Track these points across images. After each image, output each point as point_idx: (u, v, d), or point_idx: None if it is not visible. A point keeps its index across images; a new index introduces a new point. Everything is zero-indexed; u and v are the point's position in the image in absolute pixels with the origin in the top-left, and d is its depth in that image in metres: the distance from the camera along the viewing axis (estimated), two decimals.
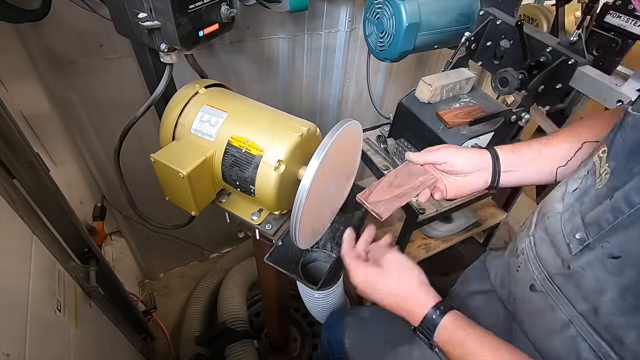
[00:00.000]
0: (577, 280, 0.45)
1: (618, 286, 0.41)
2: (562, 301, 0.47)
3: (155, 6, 0.53)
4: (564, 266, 0.47)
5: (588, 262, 0.44)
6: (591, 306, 0.44)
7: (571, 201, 0.50)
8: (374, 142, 1.16)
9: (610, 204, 0.42)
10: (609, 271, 0.42)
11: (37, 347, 0.60)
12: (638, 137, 0.41)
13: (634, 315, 0.40)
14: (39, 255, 0.70)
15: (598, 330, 0.43)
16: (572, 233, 0.47)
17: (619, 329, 0.41)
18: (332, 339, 0.89)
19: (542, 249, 0.52)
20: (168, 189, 0.65)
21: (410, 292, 0.54)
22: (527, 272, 0.54)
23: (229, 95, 0.68)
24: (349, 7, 1.20)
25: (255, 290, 1.57)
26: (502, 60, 0.88)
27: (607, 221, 0.42)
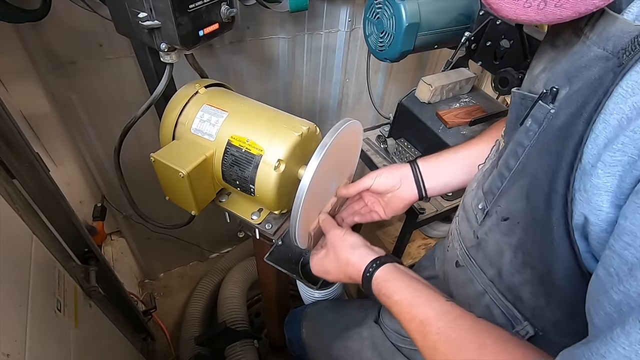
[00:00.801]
0: (483, 248, 0.50)
1: (510, 246, 0.45)
2: (476, 272, 0.51)
3: (156, 6, 0.53)
4: (475, 237, 0.51)
5: (489, 229, 0.48)
6: (496, 270, 0.48)
7: (479, 177, 0.55)
8: (374, 142, 1.16)
9: (497, 171, 0.48)
10: (503, 233, 0.46)
11: (37, 347, 0.60)
12: (515, 110, 0.47)
13: (524, 271, 0.43)
14: (39, 255, 0.70)
15: (504, 293, 0.47)
16: (477, 204, 0.52)
17: (517, 287, 0.45)
18: (291, 337, 0.90)
19: (461, 226, 0.57)
20: (168, 188, 0.65)
21: (348, 258, 0.56)
22: (453, 250, 0.58)
23: (229, 95, 0.68)
24: (349, 7, 1.20)
25: (255, 290, 1.57)
26: (502, 60, 0.88)
27: (497, 187, 0.47)
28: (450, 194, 1.02)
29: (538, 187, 0.39)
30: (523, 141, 0.43)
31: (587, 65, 0.36)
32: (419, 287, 0.48)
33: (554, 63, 0.43)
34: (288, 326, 0.94)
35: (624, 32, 0.33)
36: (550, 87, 0.39)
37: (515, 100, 0.47)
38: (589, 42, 0.37)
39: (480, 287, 0.51)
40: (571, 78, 0.38)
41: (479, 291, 0.51)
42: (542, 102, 0.40)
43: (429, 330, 0.43)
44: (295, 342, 0.89)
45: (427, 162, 0.67)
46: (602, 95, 0.32)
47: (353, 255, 0.56)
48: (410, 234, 1.08)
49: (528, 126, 0.42)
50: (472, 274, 0.53)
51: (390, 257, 0.54)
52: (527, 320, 0.45)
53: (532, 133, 0.41)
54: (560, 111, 0.38)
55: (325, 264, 0.60)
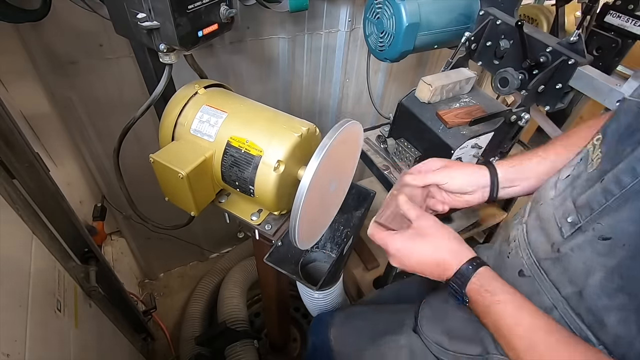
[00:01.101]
0: (564, 264, 0.47)
1: (606, 267, 0.42)
2: (547, 285, 0.49)
3: (154, 6, 0.53)
4: (553, 250, 0.49)
5: (578, 245, 0.45)
6: (576, 289, 0.45)
7: (563, 187, 0.51)
8: (374, 142, 1.16)
9: (601, 186, 0.43)
10: (598, 253, 0.43)
11: (37, 347, 0.60)
12: (630, 119, 0.43)
13: (617, 296, 0.41)
14: (39, 255, 0.70)
15: (580, 314, 0.45)
16: (564, 217, 0.48)
17: (602, 311, 0.42)
18: (317, 342, 0.87)
19: (533, 235, 0.54)
20: (167, 189, 0.65)
21: (449, 248, 0.54)
22: (517, 258, 0.55)
23: (228, 95, 0.68)
24: (349, 7, 1.20)
25: (255, 290, 1.57)
26: (502, 60, 0.88)
27: (599, 203, 0.43)
28: None
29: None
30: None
31: None
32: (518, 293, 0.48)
33: None
34: (314, 331, 0.90)
35: None
36: None
37: (630, 109, 0.43)
38: None
39: (549, 302, 0.48)
40: None
41: (547, 306, 0.48)
42: None
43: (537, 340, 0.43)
44: (322, 348, 0.85)
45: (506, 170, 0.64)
46: None
47: (457, 245, 0.54)
48: None
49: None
50: (541, 287, 0.50)
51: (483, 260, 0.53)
52: (602, 345, 0.43)
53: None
54: None
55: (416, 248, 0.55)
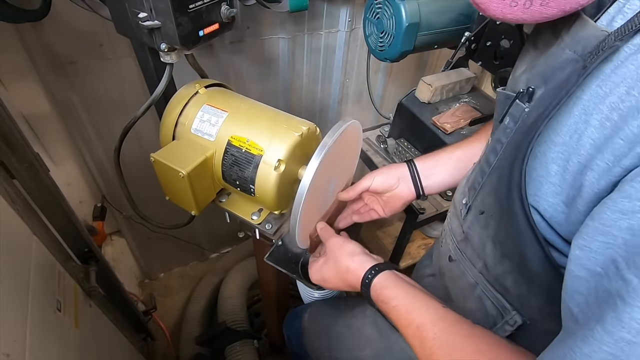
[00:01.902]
0: (470, 242, 0.51)
1: (489, 238, 0.46)
2: (467, 265, 0.53)
3: (156, 6, 0.53)
4: (462, 232, 0.53)
5: (471, 222, 0.50)
6: (482, 262, 0.49)
7: (468, 174, 0.57)
8: (374, 142, 1.16)
9: (478, 167, 0.49)
10: (482, 226, 0.48)
11: (37, 347, 0.60)
12: (499, 109, 0.48)
13: (504, 261, 0.45)
14: (39, 255, 0.70)
15: (492, 284, 0.49)
16: (461, 199, 0.54)
17: (501, 277, 0.46)
18: (290, 333, 0.91)
19: (452, 221, 0.58)
20: (168, 188, 0.65)
21: (348, 265, 0.56)
22: (446, 245, 0.60)
23: (229, 95, 0.68)
24: (349, 7, 1.20)
25: (255, 290, 1.57)
26: (502, 60, 0.88)
27: (478, 183, 0.49)
28: (449, 194, 1.02)
29: (502, 180, 0.42)
30: (501, 138, 0.45)
31: (561, 67, 0.37)
32: (415, 294, 0.49)
33: (534, 64, 0.44)
34: (288, 323, 0.95)
35: (593, 37, 0.34)
36: (528, 87, 0.41)
37: (499, 99, 0.48)
38: (563, 45, 0.38)
39: (472, 279, 0.52)
40: (546, 79, 0.39)
41: (471, 283, 0.52)
42: (519, 101, 0.42)
43: (425, 335, 0.44)
44: (294, 338, 0.90)
45: (423, 161, 0.68)
46: (564, 95, 0.34)
47: (352, 263, 0.56)
48: (410, 233, 1.08)
49: (506, 124, 0.44)
50: (464, 267, 0.54)
51: (389, 264, 0.55)
52: (515, 309, 0.46)
53: (509, 130, 0.43)
54: (533, 110, 0.40)
55: (323, 272, 0.60)
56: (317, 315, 0.86)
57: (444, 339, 0.42)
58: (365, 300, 0.78)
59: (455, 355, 0.41)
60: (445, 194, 1.02)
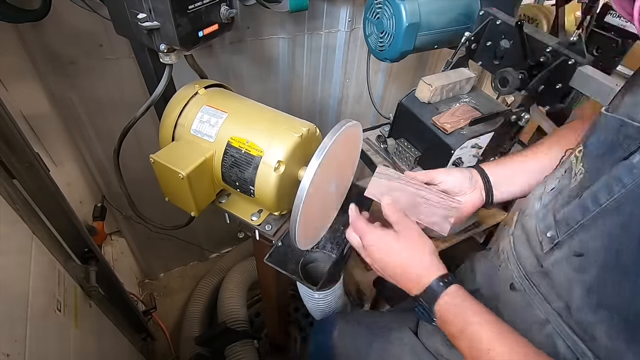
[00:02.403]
0: (550, 278, 0.46)
1: (583, 283, 0.42)
2: (538, 299, 0.48)
3: (155, 7, 0.53)
4: (538, 264, 0.48)
5: (556, 260, 0.45)
6: (564, 303, 0.44)
7: (548, 200, 0.51)
8: (374, 142, 1.16)
9: (578, 203, 0.43)
10: (575, 269, 0.42)
11: (37, 347, 0.60)
12: (609, 137, 0.42)
13: (599, 311, 0.40)
14: (39, 255, 0.70)
15: (572, 327, 0.44)
16: (545, 231, 0.47)
17: (590, 325, 0.42)
18: (319, 341, 0.87)
19: (520, 247, 0.53)
20: (168, 189, 0.65)
21: (421, 260, 0.52)
22: (507, 271, 0.55)
23: (228, 95, 0.68)
24: (349, 7, 1.20)
25: (255, 290, 1.57)
26: (502, 60, 0.88)
27: (575, 220, 0.43)
28: None
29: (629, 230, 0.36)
30: (623, 178, 0.38)
31: None
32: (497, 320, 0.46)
33: None
34: (317, 332, 0.90)
35: None
36: None
37: (610, 125, 0.42)
38: None
39: (542, 315, 0.47)
40: None
41: (541, 319, 0.48)
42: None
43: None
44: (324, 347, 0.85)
45: (493, 169, 0.65)
46: None
47: (432, 259, 0.52)
48: None
49: (634, 163, 0.37)
50: (533, 300, 0.49)
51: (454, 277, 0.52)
52: (597, 358, 0.42)
53: (638, 172, 0.36)
54: None
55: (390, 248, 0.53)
56: (349, 334, 0.81)
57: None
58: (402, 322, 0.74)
59: None
60: None
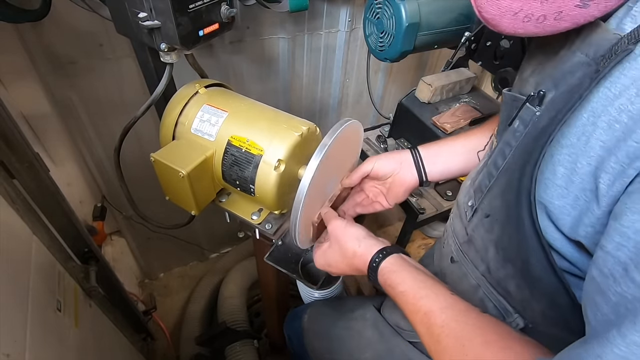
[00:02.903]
0: (474, 244, 0.51)
1: (492, 242, 0.46)
2: (470, 267, 0.52)
3: (156, 6, 0.53)
4: (465, 234, 0.53)
5: (476, 225, 0.50)
6: (485, 265, 0.49)
7: (472, 175, 0.56)
8: (374, 142, 1.16)
9: (486, 170, 0.49)
10: (486, 229, 0.47)
11: (37, 347, 0.60)
12: (506, 111, 0.48)
13: (506, 266, 0.45)
14: (39, 255, 0.70)
15: (494, 287, 0.49)
16: (466, 201, 0.53)
17: (504, 281, 0.46)
18: (291, 333, 0.91)
19: (455, 223, 0.58)
20: (168, 188, 0.65)
21: (355, 250, 0.55)
22: (448, 247, 0.59)
23: (229, 95, 0.68)
24: (349, 7, 1.20)
25: (255, 290, 1.57)
26: (502, 60, 0.88)
27: (485, 185, 0.48)
28: (450, 194, 1.02)
29: (512, 184, 0.41)
30: (510, 141, 0.44)
31: (571, 71, 0.37)
32: (424, 279, 0.48)
33: (542, 66, 0.43)
34: (288, 323, 0.94)
35: (605, 40, 0.34)
36: (538, 90, 0.40)
37: (506, 101, 0.48)
38: (574, 48, 0.38)
39: (474, 281, 0.52)
40: (557, 82, 0.39)
41: (473, 285, 0.52)
42: (529, 104, 0.41)
43: (433, 322, 0.43)
44: (294, 338, 0.89)
45: (427, 148, 0.67)
46: (577, 99, 0.34)
47: (359, 247, 0.55)
48: (411, 233, 1.08)
49: (515, 127, 0.43)
50: (466, 269, 0.54)
51: (397, 248, 0.54)
52: (517, 312, 0.46)
53: (519, 134, 0.42)
54: (544, 114, 0.39)
55: (328, 257, 0.59)
56: (317, 316, 0.85)
57: (452, 327, 0.42)
58: (366, 302, 0.78)
59: (463, 345, 0.40)
60: (445, 193, 1.02)
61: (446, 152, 0.67)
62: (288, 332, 0.94)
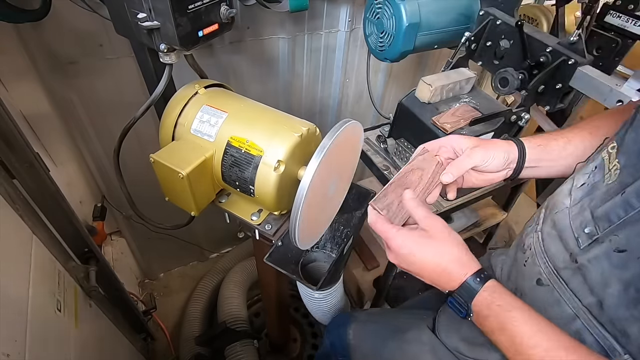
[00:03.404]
0: (583, 274, 0.46)
1: (622, 279, 0.42)
2: (568, 295, 0.48)
3: (155, 6, 0.53)
4: (571, 260, 0.48)
5: (595, 256, 0.45)
6: (597, 299, 0.44)
7: (579, 196, 0.50)
8: (374, 142, 1.16)
9: (621, 199, 0.43)
10: (614, 265, 0.43)
11: (37, 347, 0.60)
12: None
13: (636, 308, 0.40)
14: (39, 255, 0.70)
15: (603, 324, 0.44)
16: (582, 227, 0.47)
17: (623, 321, 0.42)
18: (336, 341, 0.87)
19: (549, 244, 0.52)
20: (168, 189, 0.65)
21: (456, 257, 0.51)
22: (534, 267, 0.54)
23: (228, 95, 0.68)
24: (349, 7, 1.20)
25: (255, 290, 1.57)
26: (502, 60, 0.88)
27: (618, 216, 0.43)
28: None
29: None
30: None
31: None
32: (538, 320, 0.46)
33: None
34: (331, 330, 0.90)
35: None
36: None
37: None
38: None
39: (571, 311, 0.47)
40: None
41: (569, 315, 0.48)
42: None
43: None
44: (339, 346, 0.85)
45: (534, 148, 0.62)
46: None
47: (466, 255, 0.51)
48: None
49: None
50: (562, 296, 0.49)
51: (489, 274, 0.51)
52: (628, 354, 0.42)
53: None
54: None
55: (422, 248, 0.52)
56: (364, 333, 0.80)
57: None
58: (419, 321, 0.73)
59: None
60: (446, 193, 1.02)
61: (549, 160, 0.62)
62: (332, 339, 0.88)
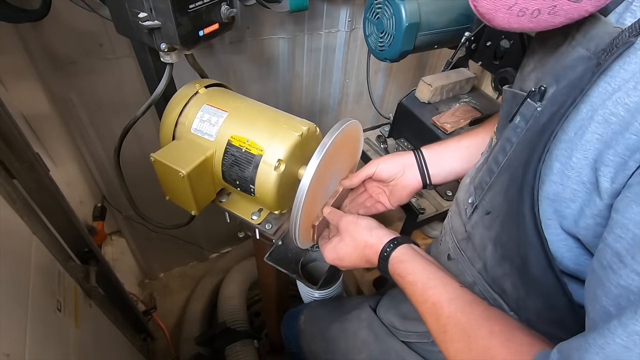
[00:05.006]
0: (472, 242, 0.51)
1: (491, 239, 0.46)
2: (467, 264, 0.53)
3: (156, 6, 0.53)
4: (464, 231, 0.53)
5: (475, 222, 0.50)
6: (482, 263, 0.49)
7: (473, 173, 0.56)
8: (374, 142, 1.16)
9: (486, 167, 0.49)
10: (485, 226, 0.48)
11: (37, 347, 0.60)
12: (506, 108, 0.48)
13: (504, 264, 0.45)
14: (39, 255, 0.70)
15: (490, 284, 0.49)
16: (467, 198, 0.53)
17: (500, 279, 0.46)
18: (288, 333, 0.91)
19: (453, 220, 0.58)
20: (168, 188, 0.65)
21: (366, 240, 0.56)
22: (445, 244, 0.60)
23: (229, 95, 0.68)
24: (349, 7, 1.20)
25: (255, 290, 1.57)
26: (502, 60, 0.88)
27: (486, 182, 0.48)
28: (449, 193, 1.02)
29: (515, 180, 0.41)
30: (511, 138, 0.44)
31: (572, 65, 0.37)
32: (433, 270, 0.49)
33: (543, 62, 0.43)
34: (285, 324, 0.94)
35: (606, 34, 0.34)
36: (539, 85, 0.40)
37: (506, 97, 0.48)
38: (574, 43, 0.38)
39: (470, 278, 0.52)
40: (558, 77, 0.39)
41: (469, 282, 0.52)
42: (530, 100, 0.41)
43: (440, 313, 0.44)
44: (291, 339, 0.89)
45: (430, 149, 0.67)
46: (578, 93, 0.34)
47: (370, 237, 0.56)
48: (410, 233, 1.08)
49: (516, 123, 0.43)
50: (463, 266, 0.54)
51: (407, 238, 0.55)
52: (512, 310, 0.46)
53: (520, 130, 0.43)
54: (546, 109, 0.39)
55: (340, 250, 0.59)
56: (313, 318, 0.86)
57: (458, 318, 0.42)
58: (362, 302, 0.78)
59: (469, 335, 0.41)
60: (445, 193, 1.02)
61: (450, 154, 0.66)
62: (285, 333, 0.94)
